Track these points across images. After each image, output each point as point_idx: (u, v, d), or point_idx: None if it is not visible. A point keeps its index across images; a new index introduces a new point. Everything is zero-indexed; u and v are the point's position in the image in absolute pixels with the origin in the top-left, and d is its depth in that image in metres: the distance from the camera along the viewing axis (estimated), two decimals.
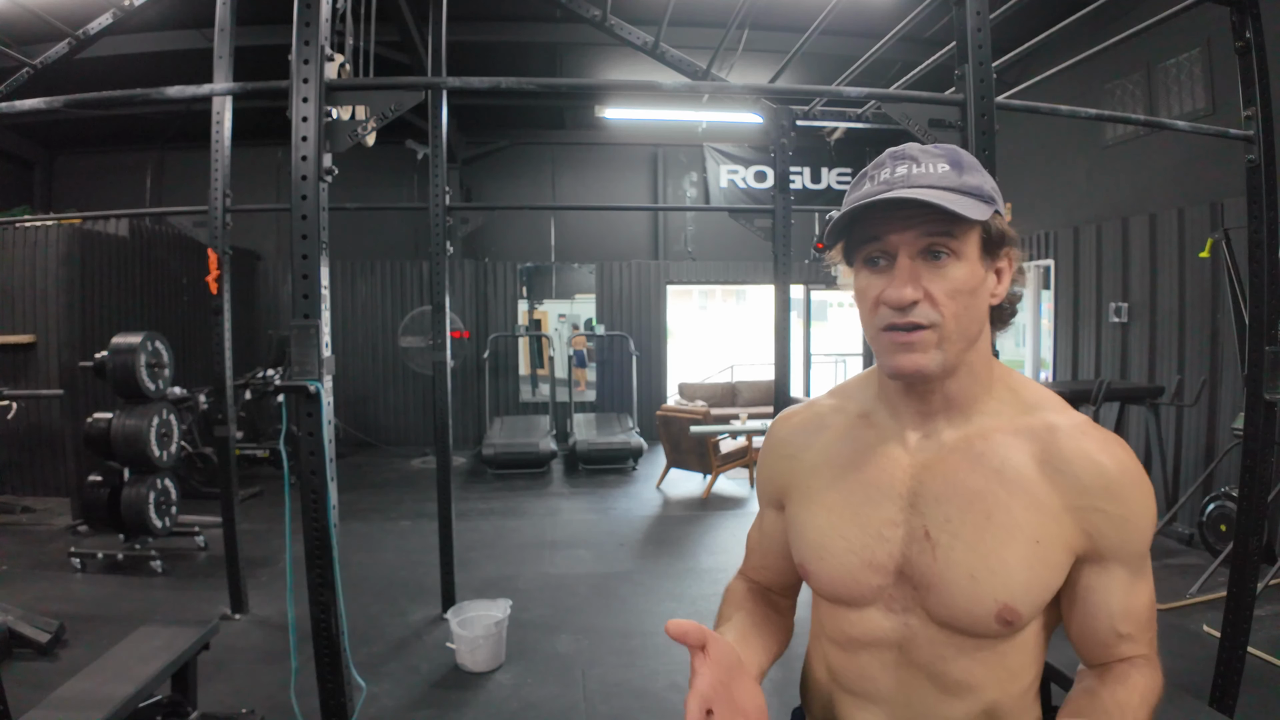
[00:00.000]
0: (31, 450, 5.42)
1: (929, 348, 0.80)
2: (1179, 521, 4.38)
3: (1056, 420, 0.84)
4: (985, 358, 0.86)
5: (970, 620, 0.81)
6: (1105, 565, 0.82)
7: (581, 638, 3.39)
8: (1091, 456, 0.81)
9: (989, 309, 0.85)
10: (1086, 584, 0.83)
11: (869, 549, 0.86)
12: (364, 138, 1.92)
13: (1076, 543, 0.81)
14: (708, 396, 8.51)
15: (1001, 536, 0.80)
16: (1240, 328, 3.64)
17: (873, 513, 0.87)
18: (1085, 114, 2.40)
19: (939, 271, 0.79)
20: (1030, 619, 0.82)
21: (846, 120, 4.03)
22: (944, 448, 0.86)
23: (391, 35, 4.92)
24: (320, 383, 1.82)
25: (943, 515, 0.83)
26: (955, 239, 0.79)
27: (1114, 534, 0.80)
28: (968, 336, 0.82)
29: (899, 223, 0.79)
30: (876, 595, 0.86)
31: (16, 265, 5.34)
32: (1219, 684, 2.37)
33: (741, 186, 8.52)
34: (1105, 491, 0.80)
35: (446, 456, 3.67)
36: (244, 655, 3.16)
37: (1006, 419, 0.85)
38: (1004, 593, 0.79)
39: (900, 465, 0.87)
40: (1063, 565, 0.82)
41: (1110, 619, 0.83)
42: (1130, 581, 0.82)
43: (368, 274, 8.25)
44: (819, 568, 0.89)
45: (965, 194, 0.79)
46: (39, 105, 2.11)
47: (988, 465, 0.83)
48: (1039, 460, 0.82)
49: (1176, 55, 4.67)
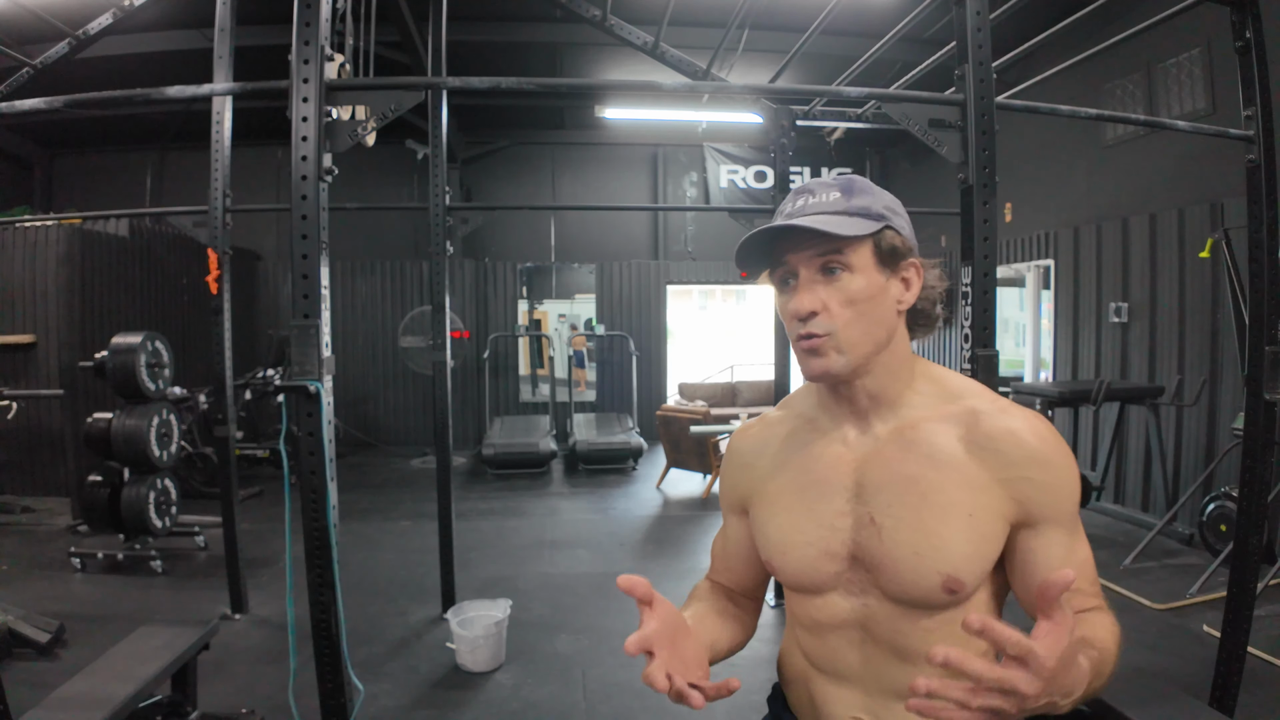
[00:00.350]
0: (31, 450, 5.42)
1: (830, 352, 0.90)
2: (1179, 521, 4.37)
3: (978, 404, 0.92)
4: (902, 357, 0.95)
5: (919, 593, 0.88)
6: (1039, 529, 0.89)
7: (581, 638, 3.39)
8: (1013, 431, 0.89)
9: (902, 314, 0.94)
10: (1027, 548, 0.90)
11: (824, 540, 0.94)
12: (364, 138, 1.92)
13: (1010, 511, 0.88)
14: (708, 396, 8.51)
15: (938, 514, 0.88)
16: (1240, 328, 3.64)
17: (824, 507, 0.95)
18: (1085, 114, 2.39)
19: (833, 285, 0.90)
20: (974, 587, 0.89)
21: (846, 120, 4.03)
22: (879, 441, 0.94)
23: (391, 35, 4.92)
24: (320, 383, 1.82)
25: (884, 501, 0.91)
26: (844, 255, 0.89)
27: (1043, 498, 0.88)
28: (871, 339, 0.91)
29: (796, 247, 0.91)
30: (836, 581, 0.95)
31: (16, 265, 5.34)
32: (1219, 684, 2.37)
33: (741, 186, 8.52)
34: (1029, 461, 0.88)
35: (446, 456, 3.67)
36: (244, 655, 3.16)
37: (932, 409, 0.94)
38: (946, 565, 0.87)
39: (843, 461, 0.96)
40: (999, 534, 0.89)
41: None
42: (1068, 541, 0.90)
43: (368, 274, 8.25)
44: (783, 562, 0.98)
45: (850, 215, 0.90)
46: (39, 105, 2.10)
47: (919, 451, 0.91)
48: (965, 441, 0.90)
49: (1176, 55, 4.67)
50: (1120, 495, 5.14)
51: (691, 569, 4.34)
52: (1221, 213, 4.24)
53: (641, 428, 7.83)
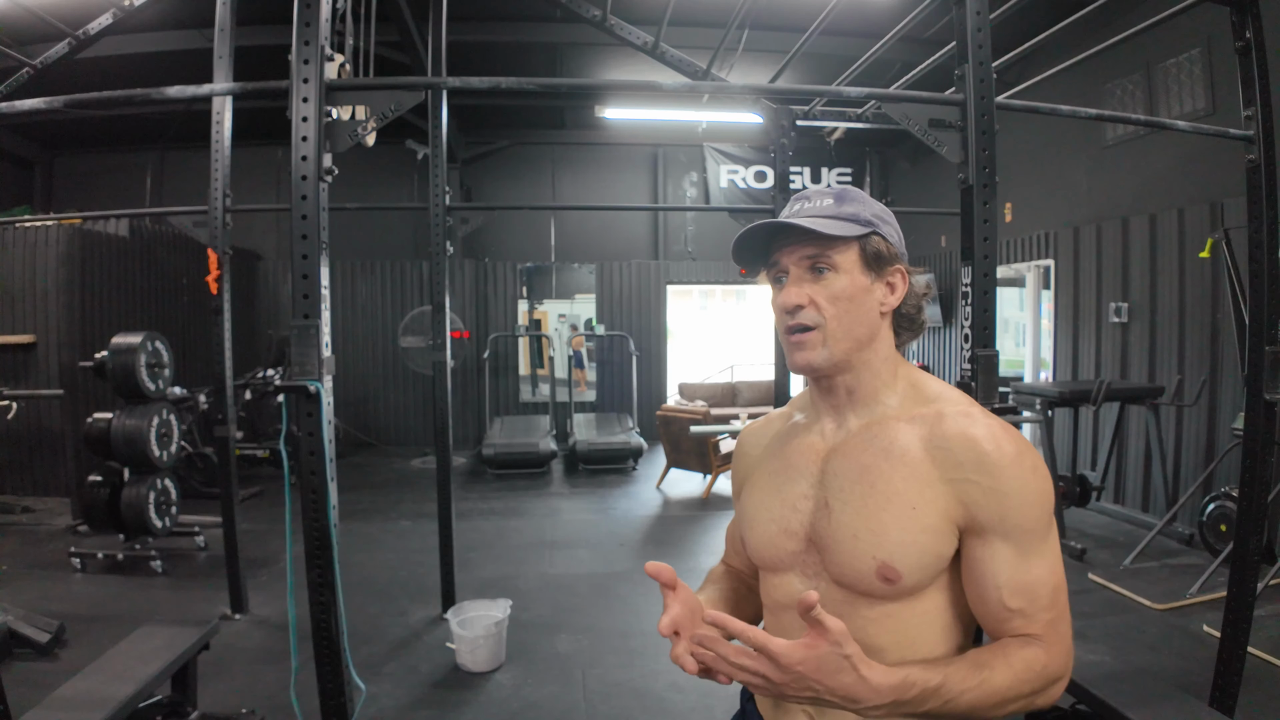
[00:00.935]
0: (31, 450, 5.42)
1: (816, 346, 0.96)
2: (1179, 521, 4.37)
3: (946, 409, 0.95)
4: (884, 357, 1.00)
5: (855, 575, 0.92)
6: (986, 538, 0.89)
7: (581, 638, 3.39)
8: (968, 434, 0.91)
9: (885, 316, 1.00)
10: (972, 555, 0.91)
11: (785, 519, 1.00)
12: (364, 138, 1.92)
13: (955, 512, 0.90)
14: (708, 396, 8.51)
15: (881, 502, 0.91)
16: (1240, 328, 3.64)
17: (791, 489, 1.01)
18: (1085, 114, 2.39)
19: (820, 282, 0.96)
20: (913, 582, 0.90)
21: (846, 120, 4.02)
22: (849, 434, 1.00)
23: (391, 35, 4.92)
24: (320, 383, 1.82)
25: (838, 487, 0.96)
26: (831, 256, 0.96)
27: (989, 506, 0.88)
28: (853, 337, 0.97)
29: (788, 247, 0.98)
30: (794, 561, 0.99)
31: (16, 265, 5.34)
32: (1219, 684, 2.37)
33: (741, 186, 8.52)
34: (977, 465, 0.89)
35: (446, 456, 3.67)
36: (244, 655, 3.16)
37: (905, 409, 0.98)
38: (881, 551, 0.90)
39: (815, 450, 1.02)
40: (941, 531, 0.90)
41: (997, 591, 0.88)
42: (1016, 557, 0.88)
43: (368, 274, 8.25)
44: (749, 536, 1.05)
45: (840, 219, 0.96)
46: (39, 105, 2.10)
47: (878, 445, 0.95)
48: (924, 440, 0.93)
49: (1176, 55, 4.67)
50: (1120, 495, 5.14)
51: (693, 569, 4.34)
52: (1221, 213, 4.24)
53: (641, 428, 7.82)
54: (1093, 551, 4.30)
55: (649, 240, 8.95)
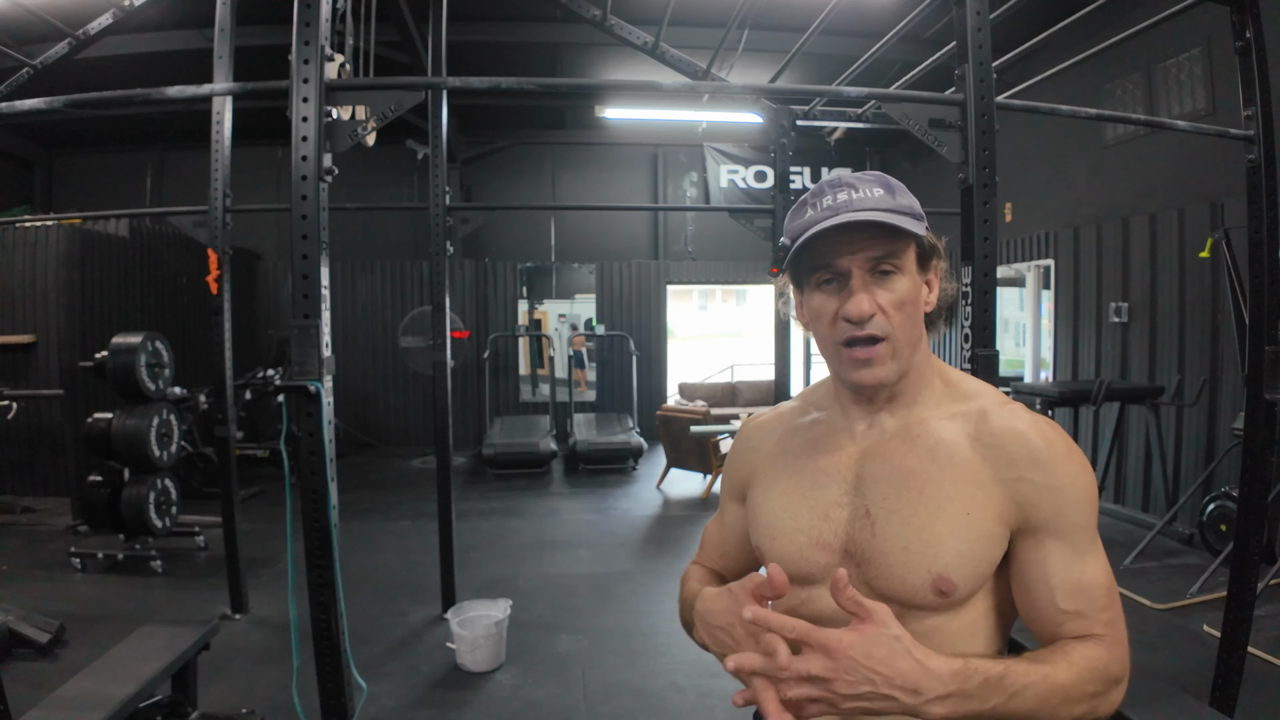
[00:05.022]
0: (31, 450, 5.42)
1: (886, 360, 0.87)
2: (1179, 521, 4.37)
3: (989, 405, 0.90)
4: (926, 357, 0.95)
5: (906, 590, 0.85)
6: (1040, 538, 0.85)
7: (581, 638, 3.39)
8: (1019, 431, 0.86)
9: (924, 315, 0.93)
10: (1024, 558, 0.86)
11: (816, 528, 0.92)
12: (364, 138, 1.92)
13: (1008, 513, 0.85)
14: (708, 396, 8.51)
15: (933, 509, 0.85)
16: (1240, 328, 3.64)
17: (820, 495, 0.93)
18: (1085, 114, 2.40)
19: (887, 286, 0.87)
20: (966, 592, 0.85)
21: (846, 120, 4.03)
22: (885, 434, 0.93)
23: (391, 35, 4.92)
24: (320, 383, 1.82)
25: (880, 494, 0.89)
26: (898, 256, 0.87)
27: (1044, 504, 0.84)
28: (913, 344, 0.90)
29: (846, 246, 0.86)
30: (824, 573, 0.90)
31: (16, 265, 5.35)
32: (1219, 684, 2.37)
33: (741, 186, 8.52)
34: (1031, 462, 0.84)
35: (446, 456, 3.67)
36: (244, 655, 3.16)
37: (943, 407, 0.93)
38: (937, 563, 0.84)
39: (846, 453, 0.94)
40: (996, 536, 0.85)
41: (1050, 593, 0.84)
42: (1070, 556, 0.84)
43: (368, 274, 8.25)
44: (771, 546, 0.95)
45: (901, 214, 0.86)
46: (39, 105, 2.10)
47: (922, 446, 0.89)
48: (971, 439, 0.88)
49: (1176, 55, 4.67)
50: (1120, 495, 5.14)
51: None
52: (1221, 213, 4.24)
53: (641, 428, 7.82)
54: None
55: (649, 240, 8.95)
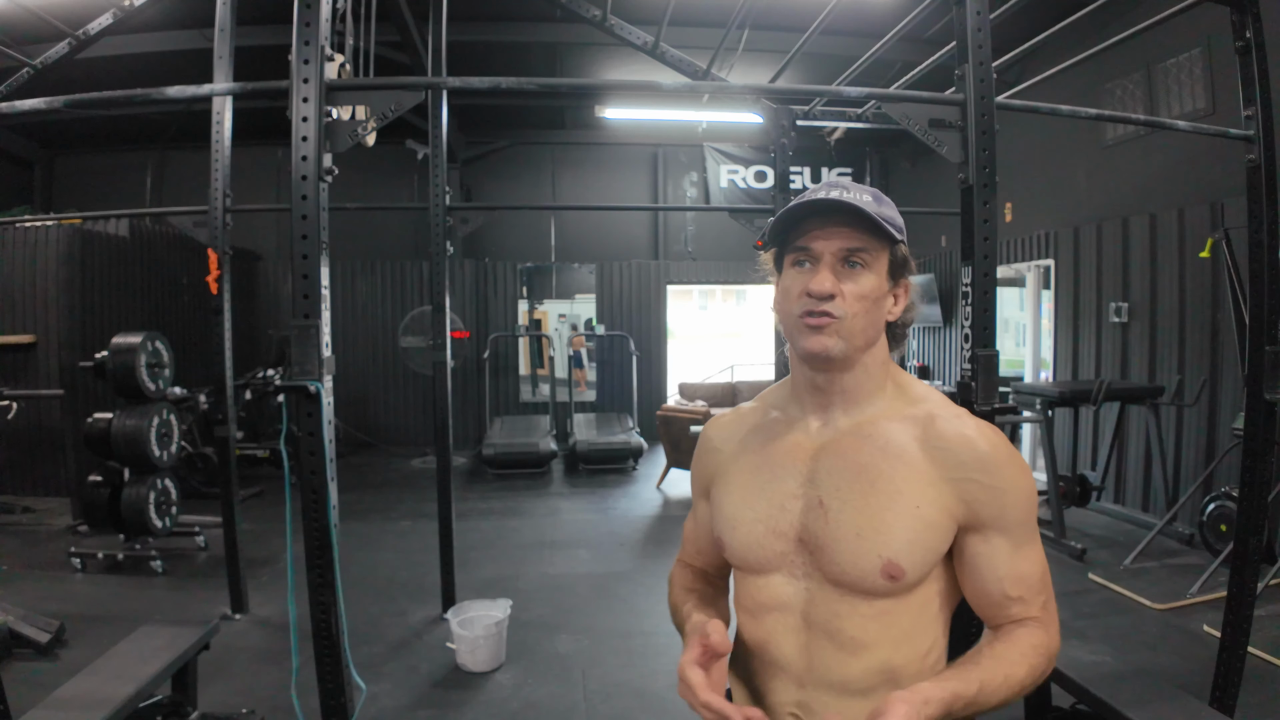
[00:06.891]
0: (31, 450, 5.42)
1: (834, 334, 0.95)
2: (1179, 521, 4.37)
3: (936, 410, 0.98)
4: (879, 360, 1.01)
5: (858, 574, 0.92)
6: (987, 534, 0.94)
7: (581, 638, 3.39)
8: (966, 436, 0.94)
9: (885, 325, 1.01)
10: (973, 551, 0.95)
11: (773, 518, 0.99)
12: (364, 138, 1.92)
13: (956, 510, 0.93)
14: (708, 396, 8.49)
15: (884, 500, 0.93)
16: (1240, 328, 3.64)
17: (777, 488, 1.00)
18: (1085, 114, 2.39)
19: (852, 277, 0.95)
20: (915, 578, 0.93)
21: (846, 120, 4.03)
22: (839, 432, 1.00)
23: (391, 35, 4.92)
24: (320, 383, 1.82)
25: (834, 486, 0.96)
26: (868, 254, 0.96)
27: (990, 502, 0.93)
28: (865, 336, 0.97)
29: (823, 233, 0.96)
30: (780, 561, 0.99)
31: (16, 265, 5.34)
32: (1219, 684, 2.37)
33: (741, 186, 8.52)
34: (978, 464, 0.93)
35: (446, 456, 3.67)
36: (244, 655, 3.16)
37: (894, 410, 1.00)
38: (887, 549, 0.91)
39: (802, 448, 1.01)
40: (943, 527, 0.93)
41: (999, 582, 0.94)
42: (1014, 549, 0.94)
43: (368, 274, 8.25)
44: (731, 537, 1.03)
45: (883, 219, 0.95)
46: (39, 105, 2.10)
47: (874, 444, 0.96)
48: (920, 441, 0.95)
49: (1176, 55, 4.67)
50: (1120, 495, 5.14)
51: None
52: (1221, 213, 4.24)
53: (641, 428, 7.82)
54: (1093, 551, 4.30)
55: (649, 240, 8.95)
